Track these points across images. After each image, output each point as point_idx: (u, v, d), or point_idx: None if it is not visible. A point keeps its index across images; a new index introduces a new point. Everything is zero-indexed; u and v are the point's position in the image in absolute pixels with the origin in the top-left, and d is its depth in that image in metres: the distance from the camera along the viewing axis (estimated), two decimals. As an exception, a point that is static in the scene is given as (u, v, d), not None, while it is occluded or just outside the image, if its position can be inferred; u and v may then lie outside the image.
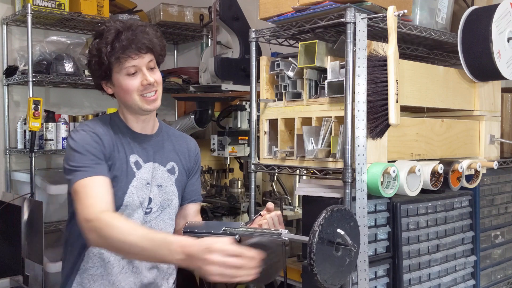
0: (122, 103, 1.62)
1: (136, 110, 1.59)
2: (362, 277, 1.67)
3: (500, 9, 1.97)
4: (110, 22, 1.57)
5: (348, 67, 1.67)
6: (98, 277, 1.60)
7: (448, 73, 2.05)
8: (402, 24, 1.81)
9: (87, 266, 1.60)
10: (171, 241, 1.30)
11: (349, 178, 1.68)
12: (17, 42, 3.34)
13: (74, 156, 1.51)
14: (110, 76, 1.56)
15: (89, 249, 1.59)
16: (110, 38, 1.51)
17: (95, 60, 1.54)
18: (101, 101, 3.59)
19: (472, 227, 2.13)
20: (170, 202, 1.66)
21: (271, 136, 2.04)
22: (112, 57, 1.51)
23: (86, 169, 1.49)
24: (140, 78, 1.54)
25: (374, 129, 1.70)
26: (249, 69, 2.08)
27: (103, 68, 1.54)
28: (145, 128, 1.65)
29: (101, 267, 1.60)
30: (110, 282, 1.60)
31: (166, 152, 1.69)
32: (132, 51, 1.52)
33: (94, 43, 1.56)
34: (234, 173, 3.30)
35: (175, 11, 3.58)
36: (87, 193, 1.46)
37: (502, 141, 2.21)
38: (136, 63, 1.53)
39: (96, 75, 1.58)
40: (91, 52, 1.56)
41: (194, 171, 1.77)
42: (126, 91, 1.55)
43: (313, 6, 1.75)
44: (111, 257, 1.59)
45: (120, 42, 1.51)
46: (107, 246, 1.42)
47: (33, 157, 2.96)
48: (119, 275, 1.60)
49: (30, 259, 2.77)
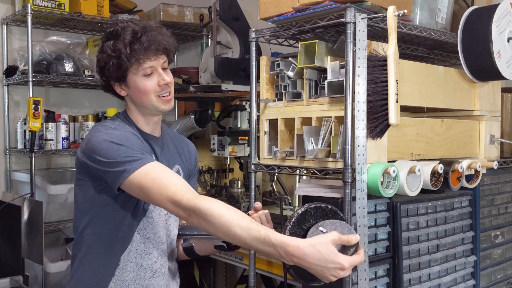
0: (137, 105, 1.60)
1: (152, 111, 1.59)
2: (362, 277, 1.67)
3: (500, 9, 1.97)
4: (123, 22, 1.56)
5: (348, 67, 1.67)
6: (131, 282, 1.59)
7: (448, 73, 2.05)
8: (402, 24, 1.81)
9: (122, 272, 1.58)
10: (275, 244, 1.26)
11: (349, 178, 1.68)
12: (17, 42, 3.34)
13: (119, 149, 1.45)
14: (125, 77, 1.55)
15: (124, 254, 1.57)
16: (128, 39, 1.51)
17: (113, 61, 1.52)
18: (101, 101, 3.60)
19: (472, 227, 2.13)
20: None
21: (271, 136, 2.04)
22: (133, 58, 1.51)
23: (142, 157, 1.45)
24: (157, 78, 1.56)
25: (374, 129, 1.70)
26: (249, 69, 2.08)
27: (122, 69, 1.53)
28: (154, 130, 1.66)
29: (134, 272, 1.59)
30: (143, 287, 1.60)
31: (171, 154, 1.70)
32: (152, 52, 1.53)
33: (108, 44, 1.53)
34: (234, 173, 3.30)
35: (175, 11, 3.58)
36: (162, 180, 1.41)
37: (502, 141, 2.21)
38: (153, 64, 1.54)
39: (113, 76, 1.55)
40: (107, 53, 1.53)
41: (193, 174, 1.79)
42: (143, 92, 1.55)
43: (313, 6, 1.75)
44: (143, 261, 1.59)
45: (141, 44, 1.51)
46: (209, 231, 1.38)
47: (33, 157, 2.96)
48: (152, 279, 1.61)
49: (30, 259, 2.77)
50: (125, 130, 1.54)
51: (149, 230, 1.60)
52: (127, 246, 1.57)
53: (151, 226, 1.60)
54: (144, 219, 1.59)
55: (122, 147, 1.46)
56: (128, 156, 1.45)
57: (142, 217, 1.58)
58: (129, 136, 1.51)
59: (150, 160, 1.46)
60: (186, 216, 1.40)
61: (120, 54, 1.50)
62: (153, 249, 1.60)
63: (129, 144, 1.48)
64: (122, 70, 1.53)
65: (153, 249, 1.60)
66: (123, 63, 1.51)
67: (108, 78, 1.58)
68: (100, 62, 1.56)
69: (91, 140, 1.51)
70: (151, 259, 1.60)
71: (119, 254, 1.57)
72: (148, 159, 1.46)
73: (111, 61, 1.52)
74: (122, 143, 1.47)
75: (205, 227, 1.37)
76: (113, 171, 1.46)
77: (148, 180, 1.41)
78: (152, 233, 1.60)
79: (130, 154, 1.45)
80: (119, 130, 1.52)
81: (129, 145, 1.47)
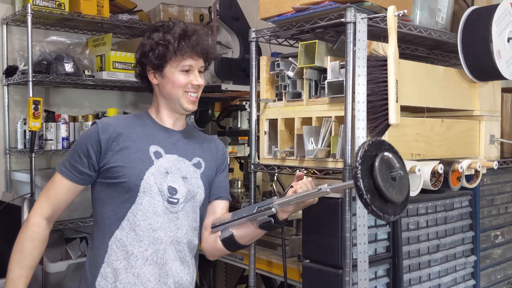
0: (164, 96, 1.68)
1: (176, 106, 1.68)
2: (362, 277, 1.67)
3: (500, 9, 1.97)
4: (175, 19, 1.68)
5: (348, 67, 1.67)
6: (122, 271, 1.60)
7: (448, 73, 2.05)
8: (402, 24, 1.81)
9: (111, 259, 1.61)
10: None
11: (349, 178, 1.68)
12: (17, 42, 3.33)
13: (70, 149, 1.70)
14: (163, 67, 1.64)
15: (111, 241, 1.62)
16: (178, 33, 1.62)
17: (159, 49, 1.61)
18: (101, 101, 3.59)
19: (472, 227, 2.13)
20: (195, 195, 1.69)
21: (271, 136, 2.04)
22: (179, 51, 1.61)
23: (67, 167, 1.66)
24: (192, 77, 1.65)
25: (374, 129, 1.70)
26: (249, 69, 2.08)
27: (165, 58, 1.62)
28: (176, 124, 1.73)
29: (125, 260, 1.60)
30: (135, 275, 1.60)
31: (192, 148, 1.74)
32: (196, 52, 1.63)
33: (158, 34, 1.63)
34: (234, 173, 3.29)
35: (175, 11, 3.58)
36: (46, 191, 1.67)
37: (502, 141, 2.21)
38: (193, 63, 1.65)
39: (153, 62, 1.64)
40: (154, 40, 1.63)
41: (222, 169, 1.82)
42: (176, 84, 1.64)
43: (313, 6, 1.75)
44: (134, 249, 1.60)
45: (190, 42, 1.62)
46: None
47: (33, 157, 2.96)
48: (143, 267, 1.61)
49: (30, 259, 2.77)
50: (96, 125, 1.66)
51: (138, 217, 1.61)
52: (113, 233, 1.62)
53: (141, 213, 1.61)
54: (134, 206, 1.61)
55: (72, 149, 1.69)
56: (66, 160, 1.69)
57: (131, 205, 1.61)
58: (86, 141, 1.66)
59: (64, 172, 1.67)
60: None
61: (169, 44, 1.61)
62: (143, 237, 1.61)
63: (76, 149, 1.67)
64: (165, 59, 1.62)
65: (144, 237, 1.61)
66: (169, 53, 1.61)
67: (146, 64, 1.66)
68: (145, 47, 1.65)
69: None
70: (141, 247, 1.60)
71: (106, 241, 1.62)
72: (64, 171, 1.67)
73: (157, 48, 1.62)
74: (75, 146, 1.69)
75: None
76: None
77: (49, 184, 1.69)
78: (142, 220, 1.60)
79: (68, 160, 1.68)
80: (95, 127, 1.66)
81: (76, 150, 1.67)
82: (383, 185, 1.33)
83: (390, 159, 1.40)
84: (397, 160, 1.43)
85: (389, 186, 1.35)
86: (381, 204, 1.33)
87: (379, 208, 1.32)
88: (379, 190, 1.33)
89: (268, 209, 1.57)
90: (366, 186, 1.31)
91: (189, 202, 1.67)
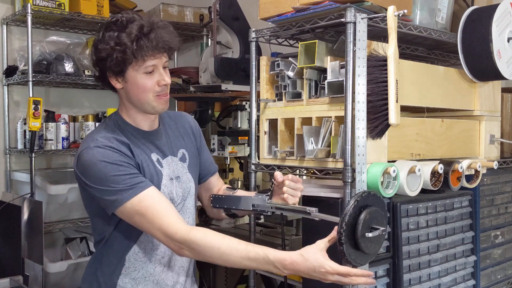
0: (133, 101, 1.55)
1: (148, 109, 1.56)
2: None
3: (500, 9, 1.97)
4: (128, 14, 1.52)
5: (348, 67, 1.67)
6: (141, 280, 1.59)
7: (448, 73, 2.05)
8: (402, 24, 1.81)
9: (129, 271, 1.59)
10: (274, 261, 1.37)
11: (349, 178, 1.68)
12: (17, 42, 3.34)
13: (107, 176, 1.43)
14: (124, 71, 1.49)
15: (129, 254, 1.58)
16: (135, 33, 1.45)
17: (116, 55, 1.45)
18: (101, 101, 3.60)
19: (472, 227, 2.13)
20: (189, 190, 1.68)
21: (271, 136, 2.04)
22: (139, 53, 1.45)
23: (133, 186, 1.44)
24: (157, 77, 1.52)
25: (374, 129, 1.70)
26: (249, 69, 2.08)
27: (125, 63, 1.47)
28: (152, 125, 1.63)
29: (143, 269, 1.59)
30: (154, 282, 1.60)
31: (173, 141, 1.68)
32: (158, 51, 1.48)
33: (111, 35, 1.47)
34: (234, 173, 3.29)
35: (175, 11, 3.58)
36: (154, 211, 1.43)
37: (502, 141, 2.21)
38: (156, 62, 1.50)
39: (112, 69, 1.49)
40: (109, 44, 1.46)
41: (201, 145, 1.78)
42: (142, 89, 1.51)
43: (313, 6, 1.75)
44: (152, 257, 1.60)
45: (149, 40, 1.46)
46: (207, 261, 1.46)
47: (33, 157, 2.96)
48: (162, 274, 1.61)
49: (30, 259, 2.77)
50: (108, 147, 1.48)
51: None
52: (131, 247, 1.58)
53: None
54: None
55: (110, 175, 1.44)
56: (117, 185, 1.43)
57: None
58: (114, 157, 1.46)
59: (140, 187, 1.45)
60: (177, 249, 1.45)
61: (126, 48, 1.44)
62: (159, 245, 1.59)
63: (117, 171, 1.44)
64: (124, 64, 1.47)
65: (159, 245, 1.59)
66: (127, 57, 1.45)
67: (105, 70, 1.52)
68: (100, 53, 1.48)
69: (81, 158, 1.49)
70: (158, 254, 1.60)
71: (123, 255, 1.59)
72: (139, 188, 1.45)
73: (114, 54, 1.45)
74: (109, 170, 1.44)
75: (202, 258, 1.45)
76: (104, 200, 1.46)
77: (142, 208, 1.43)
78: None
79: (120, 182, 1.44)
80: (103, 150, 1.47)
81: (117, 172, 1.44)
82: (364, 246, 1.39)
83: (375, 213, 1.42)
84: (382, 213, 1.45)
85: (369, 243, 1.40)
86: (355, 256, 1.40)
87: (353, 260, 1.39)
88: (359, 248, 1.39)
89: (263, 211, 1.63)
90: (348, 249, 1.37)
91: (187, 199, 1.68)
